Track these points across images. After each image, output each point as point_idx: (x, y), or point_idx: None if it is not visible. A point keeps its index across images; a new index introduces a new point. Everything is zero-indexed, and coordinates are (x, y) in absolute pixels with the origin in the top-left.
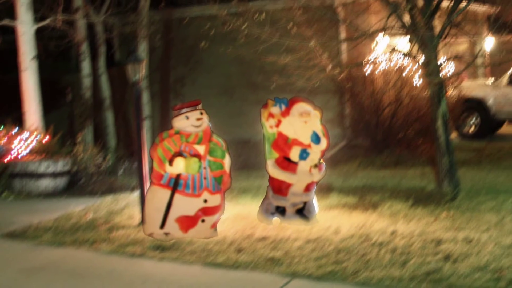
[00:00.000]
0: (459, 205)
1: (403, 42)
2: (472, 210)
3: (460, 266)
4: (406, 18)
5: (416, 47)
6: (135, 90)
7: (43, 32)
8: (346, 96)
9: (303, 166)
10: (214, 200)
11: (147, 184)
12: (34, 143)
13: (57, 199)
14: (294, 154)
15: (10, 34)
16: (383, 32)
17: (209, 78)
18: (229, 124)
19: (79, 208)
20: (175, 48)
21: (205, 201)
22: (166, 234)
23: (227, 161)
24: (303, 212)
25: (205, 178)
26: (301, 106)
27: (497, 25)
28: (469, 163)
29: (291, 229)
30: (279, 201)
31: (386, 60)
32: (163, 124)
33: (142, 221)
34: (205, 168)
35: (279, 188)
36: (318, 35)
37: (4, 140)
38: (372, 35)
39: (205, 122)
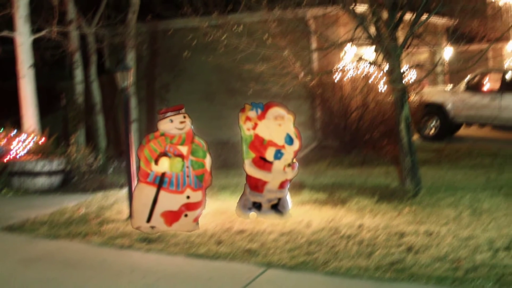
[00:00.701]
0: (420, 201)
1: (369, 52)
2: (433, 206)
3: (422, 256)
4: (372, 29)
5: (381, 56)
6: (124, 95)
7: (39, 42)
8: (317, 101)
9: (278, 165)
10: (196, 196)
11: (134, 182)
12: (31, 144)
13: (52, 196)
14: (269, 154)
15: (9, 44)
16: (350, 43)
17: (192, 85)
18: (209, 126)
19: (72, 203)
20: (161, 57)
21: (188, 197)
22: (152, 227)
23: (208, 161)
24: (277, 207)
25: (187, 176)
26: (276, 110)
27: (455, 36)
28: (429, 163)
29: (266, 223)
30: (255, 197)
31: (353, 68)
32: (149, 127)
33: (130, 216)
34: (187, 167)
35: (255, 185)
36: (291, 45)
37: (4, 141)
38: (340, 45)
39: (188, 125)
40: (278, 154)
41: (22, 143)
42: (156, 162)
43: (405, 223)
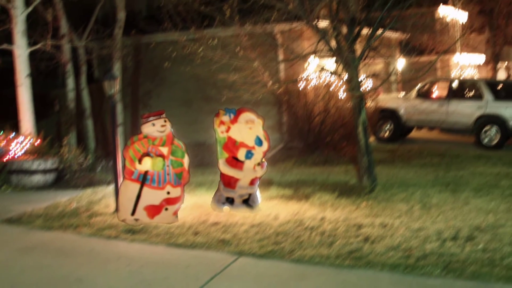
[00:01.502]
0: (376, 196)
1: (330, 63)
2: (387, 201)
3: (377, 246)
4: (333, 43)
5: (341, 67)
6: (111, 102)
7: (35, 54)
8: (283, 107)
9: (248, 164)
10: (175, 192)
11: (120, 179)
12: (28, 145)
13: (47, 192)
14: (241, 154)
15: (8, 56)
16: (314, 55)
17: (172, 92)
18: (187, 130)
19: (64, 198)
20: (144, 67)
21: (168, 193)
22: (136, 220)
23: (186, 160)
24: (248, 202)
25: (168, 174)
26: (247, 115)
27: (407, 48)
28: (384, 162)
29: (238, 216)
30: (228, 193)
31: (316, 77)
32: (133, 130)
33: (117, 209)
34: (168, 166)
35: (228, 182)
36: (261, 57)
37: (4, 143)
38: (304, 57)
39: (168, 128)
40: (249, 154)
41: (20, 144)
42: (140, 161)
43: (362, 216)
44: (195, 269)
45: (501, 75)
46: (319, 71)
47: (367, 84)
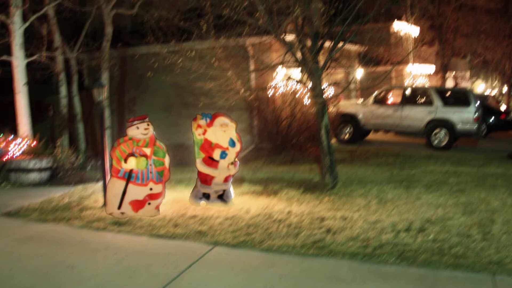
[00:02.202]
0: (337, 192)
1: (296, 72)
2: (347, 196)
3: (338, 237)
4: (299, 54)
5: (305, 76)
6: (99, 107)
7: (32, 64)
8: (254, 112)
9: (223, 163)
10: (157, 188)
11: (108, 177)
12: (25, 146)
13: (42, 188)
14: (216, 155)
15: (7, 66)
16: (281, 65)
17: (154, 99)
18: (168, 132)
19: (58, 194)
20: (129, 76)
21: (151, 189)
22: (122, 213)
23: (167, 160)
24: (223, 197)
25: (150, 172)
26: (221, 119)
27: (365, 59)
28: (344, 161)
29: (214, 209)
30: (205, 189)
31: (283, 86)
32: (120, 132)
33: (105, 204)
34: (151, 165)
35: (205, 179)
36: (234, 67)
37: (3, 144)
38: (273, 67)
39: (151, 131)
40: (223, 155)
41: (18, 146)
42: (125, 160)
43: (325, 209)
44: (175, 257)
45: (450, 83)
46: (286, 79)
47: (329, 92)
